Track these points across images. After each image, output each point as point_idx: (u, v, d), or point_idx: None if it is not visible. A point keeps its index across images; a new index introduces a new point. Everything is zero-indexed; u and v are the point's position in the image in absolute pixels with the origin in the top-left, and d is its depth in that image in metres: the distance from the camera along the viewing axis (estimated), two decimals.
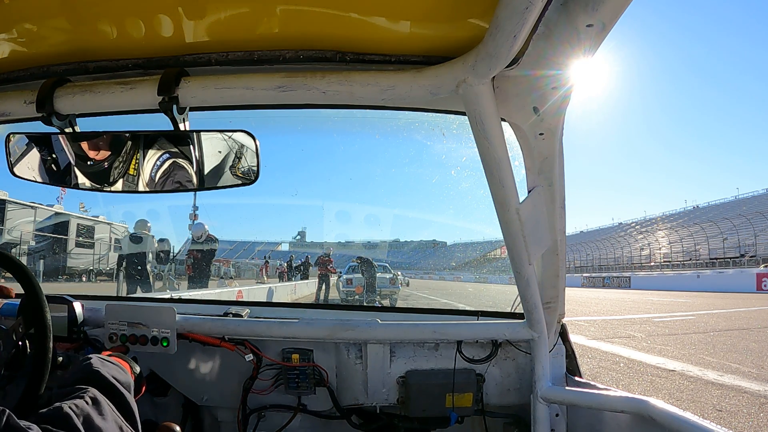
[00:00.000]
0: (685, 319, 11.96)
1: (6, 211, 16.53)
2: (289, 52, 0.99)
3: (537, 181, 1.20)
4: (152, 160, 1.06)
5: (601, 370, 6.12)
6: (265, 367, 1.67)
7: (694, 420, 1.09)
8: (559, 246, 1.34)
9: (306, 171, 52.29)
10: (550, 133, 1.09)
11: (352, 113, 1.35)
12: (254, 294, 12.38)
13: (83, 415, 0.83)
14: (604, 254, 50.66)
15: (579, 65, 0.90)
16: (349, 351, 1.70)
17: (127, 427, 0.92)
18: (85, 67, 1.04)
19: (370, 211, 36.32)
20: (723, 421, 4.09)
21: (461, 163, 1.74)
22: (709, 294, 23.29)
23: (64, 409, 0.81)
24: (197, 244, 9.52)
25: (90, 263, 20.07)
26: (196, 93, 0.96)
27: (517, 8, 0.70)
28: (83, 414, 0.83)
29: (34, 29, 0.94)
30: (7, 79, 1.08)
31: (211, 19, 0.90)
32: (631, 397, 1.30)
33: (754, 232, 35.73)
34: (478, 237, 39.72)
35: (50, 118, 0.98)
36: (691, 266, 37.70)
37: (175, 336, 1.50)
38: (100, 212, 20.65)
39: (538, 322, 1.49)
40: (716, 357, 6.82)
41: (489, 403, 1.72)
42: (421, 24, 0.90)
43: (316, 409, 1.74)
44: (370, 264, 13.18)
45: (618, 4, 0.75)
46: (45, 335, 1.09)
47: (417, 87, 0.95)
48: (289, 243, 53.77)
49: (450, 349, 1.68)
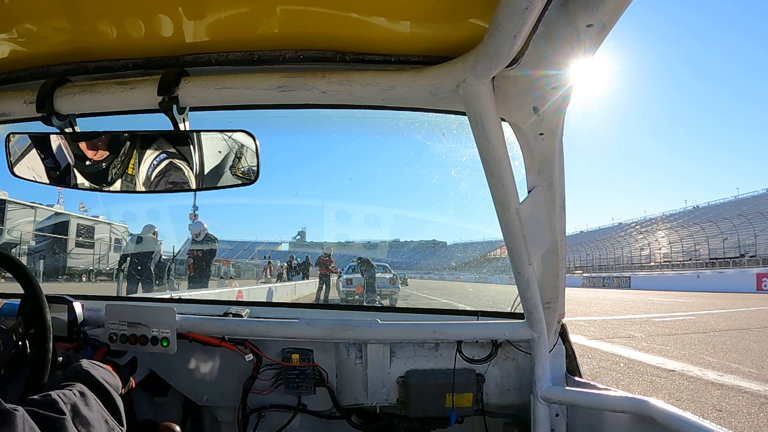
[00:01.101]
0: (685, 319, 11.96)
1: (6, 211, 16.54)
2: (289, 52, 0.99)
3: (537, 181, 1.20)
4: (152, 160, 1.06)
5: (601, 370, 6.12)
6: (265, 367, 1.67)
7: (694, 420, 1.09)
8: (559, 246, 1.34)
9: (306, 171, 52.31)
10: (550, 133, 1.09)
11: (352, 113, 1.35)
12: (254, 294, 12.38)
13: (70, 403, 0.87)
14: (604, 254, 50.66)
15: (579, 65, 0.90)
16: (349, 351, 1.70)
17: (113, 421, 0.95)
18: (85, 67, 1.04)
19: (370, 211, 36.38)
20: (723, 421, 4.09)
21: (461, 163, 1.74)
22: (709, 294, 23.29)
23: (52, 396, 0.85)
24: (197, 244, 9.56)
25: (90, 263, 20.08)
26: (196, 93, 0.96)
27: (517, 8, 0.70)
28: (70, 402, 0.87)
29: (34, 29, 0.94)
30: (7, 79, 1.08)
31: (211, 19, 0.90)
32: (631, 397, 1.30)
33: (754, 232, 35.73)
34: (478, 237, 39.79)
35: (50, 118, 0.98)
36: (691, 266, 37.70)
37: (175, 336, 1.50)
38: (100, 212, 20.69)
39: (538, 322, 1.49)
40: (716, 357, 6.82)
41: (489, 403, 1.72)
42: (421, 24, 0.90)
43: (316, 409, 1.74)
44: (369, 264, 13.22)
45: (618, 4, 0.75)
46: (45, 335, 1.09)
47: (417, 87, 0.95)
48: (289, 243, 53.81)
49: (450, 349, 1.68)
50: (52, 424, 0.79)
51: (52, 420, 0.79)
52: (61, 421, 0.80)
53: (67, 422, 0.81)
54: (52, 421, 0.79)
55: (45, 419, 0.78)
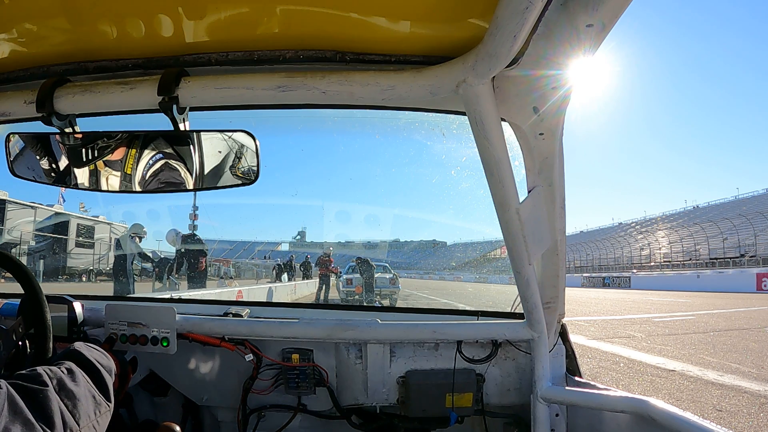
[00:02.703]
0: (685, 319, 11.96)
1: (6, 211, 16.54)
2: (289, 52, 0.99)
3: (537, 181, 1.20)
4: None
5: (601, 370, 6.12)
6: (265, 367, 1.67)
7: (694, 420, 1.09)
8: (559, 246, 1.34)
9: (306, 171, 52.37)
10: (550, 133, 1.09)
11: (352, 113, 1.35)
12: (254, 294, 12.40)
13: (56, 378, 0.88)
14: (604, 254, 50.65)
15: (579, 65, 0.90)
16: (349, 351, 1.70)
17: (101, 396, 0.96)
18: (85, 67, 1.04)
19: (370, 211, 36.41)
20: (723, 421, 4.09)
21: (461, 163, 1.73)
22: (709, 294, 23.29)
23: (38, 370, 0.87)
24: (185, 245, 9.67)
25: (90, 263, 20.08)
26: (196, 93, 0.96)
27: (517, 8, 0.70)
28: (56, 377, 0.88)
29: (34, 29, 0.94)
30: (7, 79, 1.08)
31: (211, 19, 0.90)
32: (631, 397, 1.30)
33: (754, 232, 35.72)
34: (478, 237, 39.77)
35: (50, 118, 0.98)
36: (691, 266, 37.70)
37: (175, 336, 1.50)
38: (100, 212, 20.68)
39: (538, 322, 1.49)
40: (716, 357, 6.82)
41: (489, 403, 1.72)
42: (421, 24, 0.89)
43: (316, 409, 1.74)
44: (368, 264, 13.28)
45: (618, 4, 0.75)
46: (45, 335, 1.09)
47: (417, 87, 0.95)
48: (289, 243, 53.82)
49: (450, 349, 1.68)
50: (34, 395, 0.80)
51: (35, 390, 0.81)
52: (44, 392, 0.81)
53: (50, 393, 0.82)
54: (34, 391, 0.80)
55: (27, 390, 0.80)
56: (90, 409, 0.90)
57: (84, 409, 0.88)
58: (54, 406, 0.81)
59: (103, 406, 0.95)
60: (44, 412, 0.79)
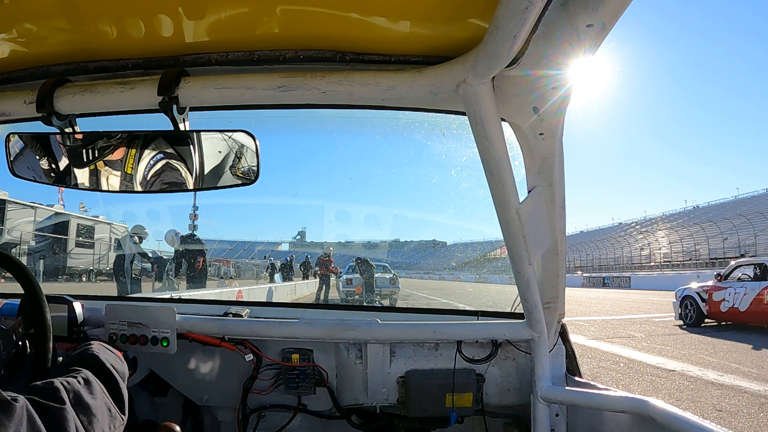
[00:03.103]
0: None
1: (6, 211, 16.54)
2: (289, 52, 0.99)
3: (537, 181, 1.20)
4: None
5: (601, 370, 6.12)
6: (265, 367, 1.67)
7: (694, 420, 1.09)
8: (559, 246, 1.34)
9: (306, 171, 52.37)
10: (550, 133, 1.09)
11: (352, 113, 1.35)
12: (254, 294, 12.41)
13: (73, 392, 0.87)
14: (604, 254, 50.64)
15: (579, 65, 0.90)
16: (349, 351, 1.70)
17: (116, 410, 0.95)
18: (85, 67, 1.04)
19: (370, 211, 36.43)
20: (723, 421, 4.09)
21: (461, 163, 1.73)
22: None
23: (55, 384, 0.85)
24: (184, 245, 9.72)
25: (90, 263, 20.09)
26: (196, 93, 0.96)
27: (517, 8, 0.70)
28: (73, 390, 0.87)
29: (34, 29, 0.94)
30: (7, 79, 1.08)
31: (211, 19, 0.90)
32: (631, 397, 1.30)
33: (754, 232, 35.70)
34: (478, 237, 39.79)
35: (50, 118, 0.98)
36: (691, 266, 37.66)
37: (175, 336, 1.50)
38: (100, 212, 20.68)
39: (538, 322, 1.49)
40: (716, 357, 6.83)
41: (489, 403, 1.72)
42: (421, 24, 0.89)
43: (316, 409, 1.74)
44: (368, 264, 13.31)
45: (618, 4, 0.75)
46: (45, 335, 1.09)
47: (417, 87, 0.95)
48: (289, 243, 53.80)
49: (450, 349, 1.68)
50: (51, 414, 0.79)
51: (52, 410, 0.80)
52: (61, 411, 0.81)
53: (67, 412, 0.82)
54: (52, 410, 0.80)
55: (45, 408, 0.79)
56: (105, 424, 0.90)
57: (99, 425, 0.88)
58: (70, 426, 0.81)
59: (117, 420, 0.95)
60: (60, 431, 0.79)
